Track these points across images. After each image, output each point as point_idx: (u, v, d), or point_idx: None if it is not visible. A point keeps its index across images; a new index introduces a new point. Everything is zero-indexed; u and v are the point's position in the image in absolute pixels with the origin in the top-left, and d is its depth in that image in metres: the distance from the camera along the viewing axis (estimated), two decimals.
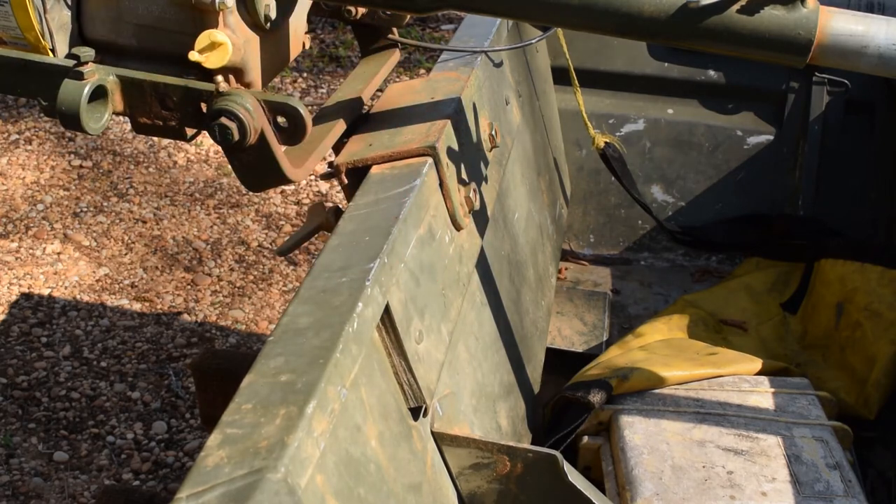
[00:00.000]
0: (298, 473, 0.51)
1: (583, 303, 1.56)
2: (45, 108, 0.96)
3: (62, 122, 0.92)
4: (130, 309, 2.46)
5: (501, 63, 1.24)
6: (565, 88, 1.61)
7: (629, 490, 1.03)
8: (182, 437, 2.11)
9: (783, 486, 1.03)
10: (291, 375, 0.55)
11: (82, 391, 2.21)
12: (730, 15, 0.84)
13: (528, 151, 1.35)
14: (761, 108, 1.69)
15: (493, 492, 0.82)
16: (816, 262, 1.51)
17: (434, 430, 0.78)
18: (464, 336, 0.90)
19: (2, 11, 0.91)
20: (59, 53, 0.96)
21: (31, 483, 1.97)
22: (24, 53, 0.95)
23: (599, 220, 1.74)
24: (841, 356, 1.38)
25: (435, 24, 3.89)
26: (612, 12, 0.87)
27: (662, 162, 1.71)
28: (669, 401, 1.16)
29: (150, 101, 0.96)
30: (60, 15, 0.95)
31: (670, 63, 1.70)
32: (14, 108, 3.30)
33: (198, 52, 0.90)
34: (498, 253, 1.09)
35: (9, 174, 2.97)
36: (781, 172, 1.68)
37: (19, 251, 2.65)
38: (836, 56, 0.86)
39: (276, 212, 2.82)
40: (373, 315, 0.65)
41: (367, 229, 0.71)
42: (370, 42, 1.20)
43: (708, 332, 1.45)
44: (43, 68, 0.94)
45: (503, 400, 1.03)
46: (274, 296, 2.53)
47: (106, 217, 2.80)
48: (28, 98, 1.16)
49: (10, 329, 2.38)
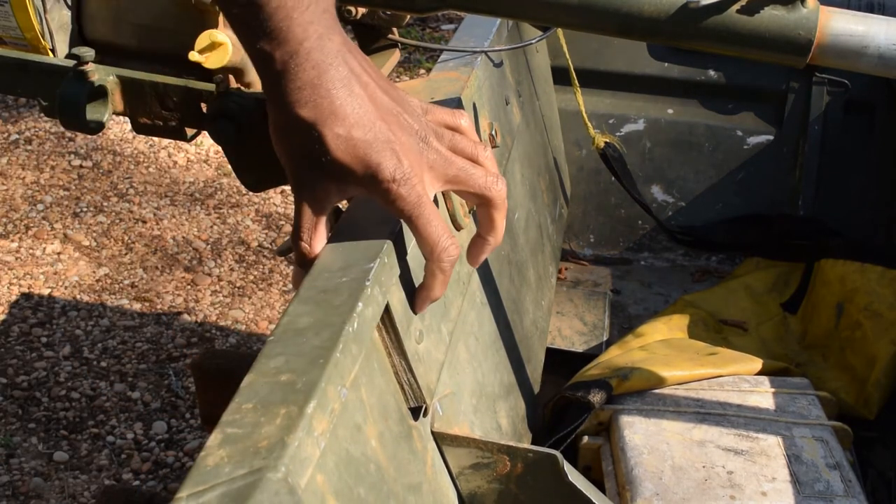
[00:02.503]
0: (299, 473, 0.51)
1: (583, 303, 1.56)
2: (45, 108, 0.96)
3: (62, 123, 0.92)
4: (130, 309, 2.46)
5: (501, 63, 1.24)
6: (565, 88, 1.61)
7: (629, 490, 1.03)
8: (182, 437, 2.11)
9: (783, 486, 1.03)
10: (291, 375, 0.55)
11: (82, 391, 2.21)
12: (730, 15, 0.85)
13: (528, 151, 1.35)
14: (761, 108, 1.69)
15: (493, 491, 0.82)
16: (816, 262, 1.51)
17: (434, 429, 0.78)
18: (464, 336, 0.91)
19: (2, 11, 0.91)
20: (59, 53, 0.96)
21: (31, 483, 1.97)
22: (24, 53, 0.95)
23: (599, 220, 1.74)
24: (841, 356, 1.38)
25: (435, 24, 3.89)
26: (612, 12, 0.87)
27: (662, 162, 1.71)
28: (669, 401, 1.16)
29: (150, 101, 0.96)
30: (60, 15, 0.95)
31: (670, 63, 1.69)
32: (14, 108, 3.30)
33: (198, 52, 0.90)
34: (498, 253, 1.09)
35: (9, 174, 2.97)
36: (781, 172, 1.68)
37: (19, 251, 2.65)
38: (836, 56, 0.86)
39: (276, 212, 2.82)
40: (373, 315, 0.65)
41: (367, 229, 0.71)
42: (370, 42, 1.20)
43: (708, 332, 1.45)
44: (43, 68, 0.94)
45: (503, 400, 1.03)
46: (274, 296, 2.53)
47: (106, 217, 2.80)
48: (28, 98, 1.16)
49: (10, 329, 2.38)
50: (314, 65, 0.65)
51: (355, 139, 0.65)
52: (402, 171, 0.66)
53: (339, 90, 0.66)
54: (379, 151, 0.66)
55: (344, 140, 0.65)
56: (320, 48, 0.65)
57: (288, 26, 0.64)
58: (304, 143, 0.66)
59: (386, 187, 0.66)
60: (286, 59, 0.65)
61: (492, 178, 0.72)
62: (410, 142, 0.68)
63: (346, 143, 0.65)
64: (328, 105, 0.65)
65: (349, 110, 0.66)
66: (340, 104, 0.66)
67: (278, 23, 0.64)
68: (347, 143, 0.65)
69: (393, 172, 0.65)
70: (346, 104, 0.66)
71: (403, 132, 0.68)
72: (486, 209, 0.72)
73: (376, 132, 0.66)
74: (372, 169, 0.66)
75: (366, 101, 0.67)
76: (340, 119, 0.65)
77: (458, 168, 0.70)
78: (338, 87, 0.66)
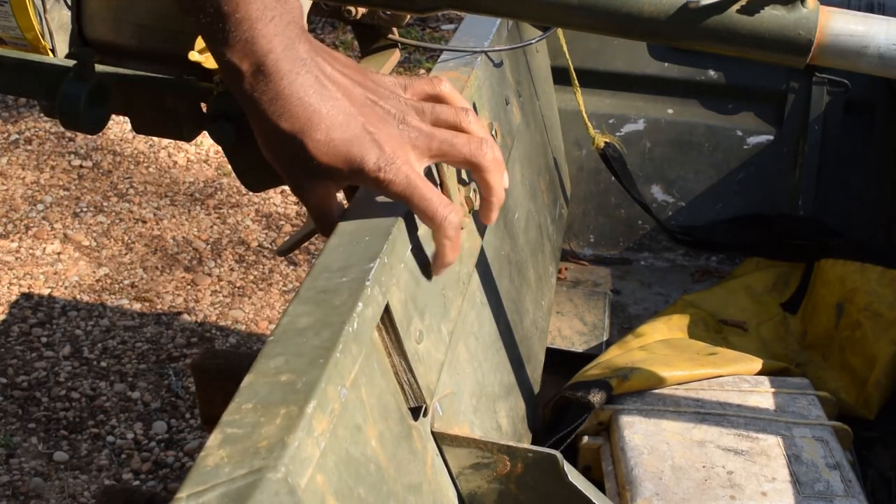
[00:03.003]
0: (299, 473, 0.51)
1: (583, 303, 1.56)
2: (45, 108, 0.96)
3: (62, 123, 0.92)
4: (130, 309, 2.46)
5: (501, 63, 1.24)
6: (565, 88, 1.61)
7: (629, 490, 1.03)
8: (182, 437, 2.11)
9: (783, 486, 1.03)
10: (292, 375, 0.55)
11: (82, 391, 2.21)
12: (730, 15, 0.85)
13: (528, 151, 1.35)
14: (761, 108, 1.69)
15: (493, 492, 0.82)
16: (816, 262, 1.51)
17: (434, 430, 0.78)
18: (464, 336, 0.90)
19: (2, 11, 0.91)
20: (59, 53, 0.96)
21: (31, 483, 1.97)
22: (24, 53, 0.95)
23: (599, 220, 1.74)
24: (841, 356, 1.38)
25: (435, 24, 3.89)
26: (612, 12, 0.87)
27: (662, 162, 1.71)
28: (669, 401, 1.16)
29: (150, 102, 0.96)
30: (60, 15, 0.95)
31: (670, 63, 1.69)
32: (14, 108, 3.30)
33: (198, 52, 0.90)
34: (498, 253, 1.09)
35: (9, 174, 2.97)
36: (781, 172, 1.68)
37: (19, 251, 2.65)
38: (836, 56, 0.86)
39: (276, 212, 2.82)
40: (373, 315, 0.65)
41: (367, 229, 0.71)
42: (370, 42, 1.20)
43: (708, 332, 1.45)
44: (43, 68, 0.94)
45: (503, 400, 1.03)
46: (274, 296, 2.53)
47: (106, 217, 2.80)
48: (28, 98, 1.16)
49: (10, 329, 2.38)
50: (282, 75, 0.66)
51: (335, 140, 0.67)
52: (384, 157, 0.68)
53: (311, 96, 0.67)
54: (359, 146, 0.68)
55: (325, 144, 0.67)
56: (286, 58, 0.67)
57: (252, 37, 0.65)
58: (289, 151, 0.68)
59: (374, 176, 0.68)
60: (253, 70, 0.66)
61: (475, 143, 0.73)
62: (388, 127, 0.70)
63: (327, 147, 0.67)
64: (303, 113, 0.67)
65: (324, 114, 0.67)
66: (315, 110, 0.67)
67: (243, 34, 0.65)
68: (328, 145, 0.67)
69: (377, 162, 0.68)
70: (321, 108, 0.67)
71: (380, 120, 0.70)
72: (479, 174, 0.75)
73: (353, 128, 0.68)
74: (357, 164, 0.68)
75: (339, 100, 0.68)
76: (316, 125, 0.67)
77: (440, 141, 0.72)
78: (309, 94, 0.67)
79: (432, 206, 0.70)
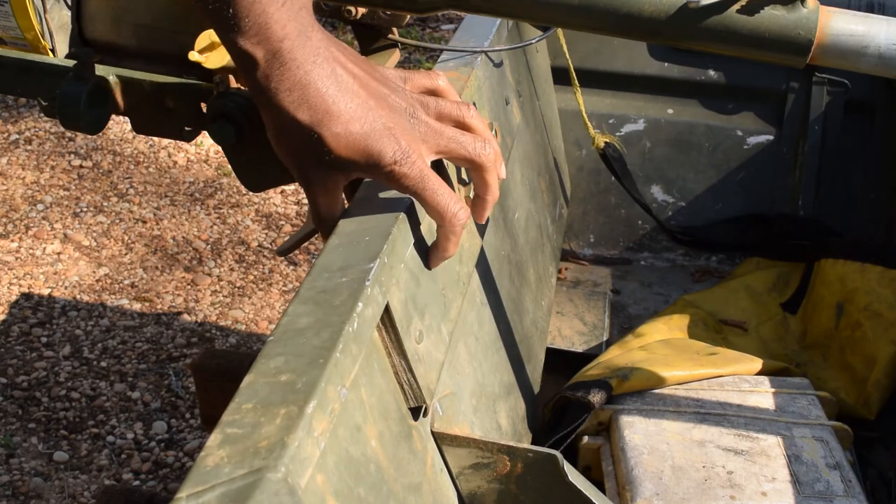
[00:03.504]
0: (299, 473, 0.51)
1: (583, 303, 1.56)
2: (45, 108, 0.96)
3: (62, 122, 0.92)
4: (130, 309, 2.46)
5: (501, 63, 1.24)
6: (565, 88, 1.61)
7: (629, 490, 1.03)
8: (182, 437, 2.11)
9: (783, 486, 1.03)
10: (291, 375, 0.55)
11: (82, 391, 2.21)
12: (730, 15, 0.85)
13: (528, 151, 1.35)
14: (761, 108, 1.69)
15: (493, 492, 0.82)
16: (816, 262, 1.51)
17: (434, 429, 0.78)
18: (464, 336, 0.90)
19: (2, 11, 0.91)
20: (59, 53, 0.96)
21: (31, 483, 1.97)
22: (24, 53, 0.95)
23: (599, 220, 1.74)
24: (841, 356, 1.38)
25: (435, 24, 3.89)
26: (612, 12, 0.87)
27: (662, 162, 1.71)
28: (669, 401, 1.16)
29: (150, 101, 0.96)
30: (60, 15, 0.95)
31: (670, 63, 1.69)
32: (14, 108, 3.30)
33: (198, 52, 0.90)
34: (498, 253, 1.09)
35: (9, 174, 2.97)
36: (781, 172, 1.68)
37: (19, 251, 2.65)
38: (836, 56, 0.86)
39: (276, 212, 2.82)
40: (373, 315, 0.65)
41: (367, 229, 0.71)
42: (370, 42, 1.20)
43: (708, 332, 1.45)
44: (43, 68, 0.94)
45: (503, 400, 1.03)
46: (274, 296, 2.53)
47: (106, 217, 2.80)
48: (28, 98, 1.16)
49: (10, 329, 2.38)
50: (299, 64, 0.65)
51: (354, 134, 0.67)
52: (401, 151, 0.68)
53: (330, 87, 0.66)
54: (378, 140, 0.67)
55: (343, 137, 0.67)
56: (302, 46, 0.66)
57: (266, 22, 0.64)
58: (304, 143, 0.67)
59: (389, 170, 0.68)
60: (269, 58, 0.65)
61: (480, 143, 0.74)
62: (402, 121, 0.70)
63: (346, 140, 0.67)
64: (321, 104, 0.66)
65: (343, 106, 0.67)
66: (333, 101, 0.66)
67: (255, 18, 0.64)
68: (347, 139, 0.67)
69: (394, 155, 0.68)
70: (339, 101, 0.67)
71: (395, 113, 0.70)
72: (478, 172, 0.75)
73: (372, 122, 0.67)
74: (374, 157, 0.68)
75: (356, 92, 0.68)
76: (335, 117, 0.66)
77: (447, 138, 0.72)
78: (327, 85, 0.66)
79: (444, 201, 0.70)
